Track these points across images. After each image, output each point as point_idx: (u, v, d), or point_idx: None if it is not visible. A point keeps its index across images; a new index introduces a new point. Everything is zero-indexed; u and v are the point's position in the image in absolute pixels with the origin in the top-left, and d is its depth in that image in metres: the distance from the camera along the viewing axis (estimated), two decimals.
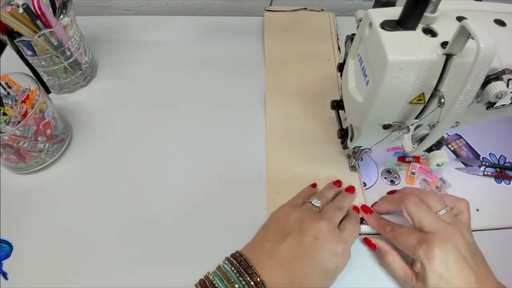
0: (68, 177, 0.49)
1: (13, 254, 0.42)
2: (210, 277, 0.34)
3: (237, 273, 0.33)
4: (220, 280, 0.33)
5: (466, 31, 0.26)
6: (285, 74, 0.58)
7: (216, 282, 0.33)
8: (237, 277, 0.33)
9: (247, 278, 0.32)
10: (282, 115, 0.53)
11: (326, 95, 0.53)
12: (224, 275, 0.33)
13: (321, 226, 0.36)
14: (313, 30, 0.64)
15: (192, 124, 0.54)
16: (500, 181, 0.48)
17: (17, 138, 0.43)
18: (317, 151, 0.49)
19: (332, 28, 0.64)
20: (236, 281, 0.32)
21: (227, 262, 0.35)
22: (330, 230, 0.36)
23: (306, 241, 0.35)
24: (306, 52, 0.61)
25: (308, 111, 0.53)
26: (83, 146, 0.52)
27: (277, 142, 0.50)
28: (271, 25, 0.65)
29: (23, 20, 0.46)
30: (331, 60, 0.60)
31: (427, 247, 0.35)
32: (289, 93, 0.56)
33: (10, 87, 0.47)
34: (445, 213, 0.38)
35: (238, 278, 0.33)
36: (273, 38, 0.63)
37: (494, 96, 0.30)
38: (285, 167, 0.48)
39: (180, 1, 0.71)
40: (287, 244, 0.35)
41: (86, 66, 0.57)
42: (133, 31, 0.66)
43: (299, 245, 0.35)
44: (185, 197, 0.47)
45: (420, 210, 0.37)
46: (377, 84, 0.31)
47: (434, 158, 0.35)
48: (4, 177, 0.49)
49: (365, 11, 0.33)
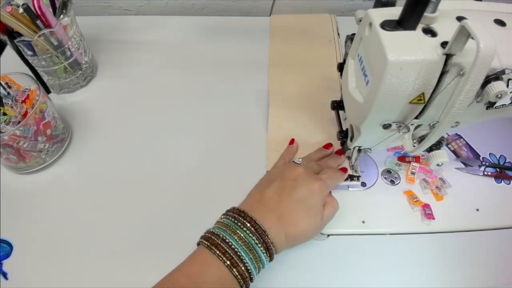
0: (68, 177, 0.49)
1: (13, 254, 0.43)
2: (212, 229, 0.36)
3: (234, 220, 0.36)
4: (221, 229, 0.35)
5: (466, 31, 0.26)
6: (287, 77, 0.58)
7: (217, 231, 0.35)
8: (234, 223, 0.36)
9: (243, 221, 0.36)
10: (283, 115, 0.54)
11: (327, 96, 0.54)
12: (223, 225, 0.36)
13: (299, 170, 0.41)
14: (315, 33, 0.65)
15: (192, 124, 0.54)
16: (500, 181, 0.48)
17: (17, 138, 0.43)
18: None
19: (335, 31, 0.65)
20: (235, 226, 0.35)
21: (223, 216, 0.38)
22: (308, 173, 0.41)
23: (287, 184, 0.39)
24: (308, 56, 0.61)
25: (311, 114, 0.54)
26: (83, 146, 0.52)
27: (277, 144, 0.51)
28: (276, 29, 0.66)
29: (23, 20, 0.47)
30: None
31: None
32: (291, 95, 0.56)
33: (10, 87, 0.47)
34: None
35: (236, 224, 0.36)
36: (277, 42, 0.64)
37: (494, 96, 0.30)
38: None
39: (180, 1, 0.71)
40: (270, 189, 0.40)
41: (86, 66, 0.57)
42: (133, 31, 0.66)
43: (281, 188, 0.39)
44: (185, 197, 0.47)
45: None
46: (377, 84, 0.30)
47: (434, 158, 0.35)
48: (4, 177, 0.49)
49: (365, 11, 0.33)
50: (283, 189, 0.39)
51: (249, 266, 0.34)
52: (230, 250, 0.34)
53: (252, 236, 0.35)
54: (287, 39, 0.64)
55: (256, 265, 0.35)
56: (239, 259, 0.34)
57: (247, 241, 0.34)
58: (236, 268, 0.33)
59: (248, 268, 0.34)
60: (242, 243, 0.34)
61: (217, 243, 0.34)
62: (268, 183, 0.41)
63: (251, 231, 0.35)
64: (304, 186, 0.39)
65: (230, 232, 0.35)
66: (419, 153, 0.47)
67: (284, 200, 0.38)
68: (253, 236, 0.35)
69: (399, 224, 0.44)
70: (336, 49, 0.62)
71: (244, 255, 0.34)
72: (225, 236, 0.34)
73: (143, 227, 0.45)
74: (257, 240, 0.35)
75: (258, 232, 0.35)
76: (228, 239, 0.34)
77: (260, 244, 0.35)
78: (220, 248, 0.34)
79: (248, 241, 0.34)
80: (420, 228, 0.44)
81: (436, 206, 0.45)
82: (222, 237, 0.35)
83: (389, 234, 0.44)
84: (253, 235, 0.35)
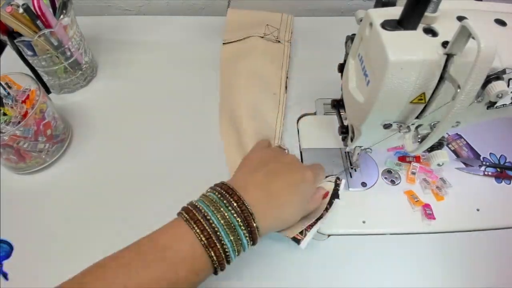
0: (68, 177, 0.49)
1: (13, 254, 0.42)
2: (195, 203, 0.34)
3: (220, 196, 0.34)
4: (205, 204, 0.33)
5: (467, 31, 0.26)
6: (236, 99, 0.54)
7: (200, 206, 0.33)
8: (220, 200, 0.34)
9: (230, 199, 0.34)
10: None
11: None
12: (208, 200, 0.34)
13: (292, 157, 0.41)
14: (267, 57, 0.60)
15: (192, 124, 0.54)
16: (501, 181, 0.48)
17: (17, 138, 0.43)
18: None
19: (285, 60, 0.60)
20: (220, 203, 0.33)
21: (210, 190, 0.36)
22: (299, 162, 0.40)
23: (281, 167, 0.39)
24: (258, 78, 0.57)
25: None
26: (83, 146, 0.52)
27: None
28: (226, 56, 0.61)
29: (23, 20, 0.46)
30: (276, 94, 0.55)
31: None
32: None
33: (10, 87, 0.47)
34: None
35: (222, 201, 0.33)
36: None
37: (495, 96, 0.30)
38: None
39: (180, 1, 0.71)
40: (263, 170, 0.38)
41: (86, 66, 0.57)
42: (133, 31, 0.66)
43: (275, 170, 0.38)
44: (186, 196, 0.47)
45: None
46: (377, 84, 0.30)
47: (435, 158, 0.35)
48: (4, 177, 0.49)
49: (366, 11, 0.33)
50: (277, 171, 0.38)
51: (227, 248, 0.32)
52: (210, 228, 0.31)
53: (236, 218, 0.32)
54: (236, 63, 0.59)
55: (235, 248, 0.32)
56: (217, 239, 0.31)
57: (231, 221, 0.32)
58: (213, 249, 0.31)
59: (226, 250, 0.32)
60: (225, 223, 0.32)
61: (197, 218, 0.32)
62: (260, 163, 0.39)
63: (237, 211, 0.33)
64: (298, 172, 0.39)
65: (213, 209, 0.33)
66: (419, 153, 0.47)
67: (276, 181, 0.37)
68: (237, 218, 0.32)
69: (400, 224, 0.44)
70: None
71: (224, 236, 0.32)
72: (207, 213, 0.32)
73: (144, 227, 0.45)
74: (242, 222, 0.33)
75: (244, 214, 0.33)
76: (210, 216, 0.32)
77: (244, 227, 0.33)
78: (199, 224, 0.32)
79: (231, 222, 0.32)
80: (420, 228, 0.44)
81: (437, 206, 0.45)
82: (204, 213, 0.32)
83: (389, 234, 0.44)
84: (238, 216, 0.33)
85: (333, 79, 0.45)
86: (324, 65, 0.57)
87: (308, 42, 0.65)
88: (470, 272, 0.41)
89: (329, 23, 0.68)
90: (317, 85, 0.58)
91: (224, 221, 0.32)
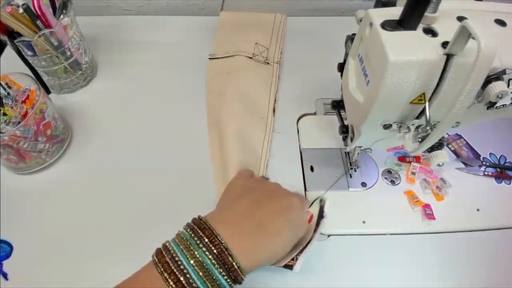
0: (68, 177, 0.49)
1: (13, 254, 0.42)
2: (167, 244, 0.31)
3: (191, 233, 0.31)
4: (175, 244, 0.30)
5: (467, 31, 0.26)
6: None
7: (170, 246, 0.30)
8: (191, 237, 0.31)
9: (201, 235, 0.30)
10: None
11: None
12: (179, 238, 0.31)
13: (277, 185, 0.39)
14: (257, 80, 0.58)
15: (192, 124, 0.54)
16: (501, 181, 0.48)
17: (17, 139, 0.43)
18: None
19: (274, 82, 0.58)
20: (191, 241, 0.30)
21: (184, 226, 0.33)
22: (285, 189, 0.39)
23: (265, 196, 0.36)
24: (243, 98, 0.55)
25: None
26: (83, 146, 0.52)
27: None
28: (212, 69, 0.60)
29: (23, 20, 0.46)
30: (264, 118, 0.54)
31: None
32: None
33: (10, 87, 0.47)
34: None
35: (192, 238, 0.30)
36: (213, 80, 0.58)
37: (495, 96, 0.30)
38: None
39: (180, 1, 0.71)
40: (246, 199, 0.35)
41: (86, 66, 0.57)
42: (133, 31, 0.66)
43: (258, 199, 0.35)
44: (188, 196, 0.47)
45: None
46: (377, 84, 0.30)
47: (435, 158, 0.35)
48: (4, 177, 0.49)
49: (366, 11, 0.33)
50: (261, 200, 0.35)
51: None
52: (178, 271, 0.28)
53: (208, 255, 0.29)
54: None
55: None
56: (187, 282, 0.28)
57: (202, 261, 0.29)
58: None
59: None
60: (195, 263, 0.29)
61: (165, 260, 0.29)
62: (243, 192, 0.37)
63: (208, 248, 0.29)
64: (285, 198, 0.36)
65: (183, 248, 0.30)
66: (419, 153, 0.47)
67: (262, 209, 0.34)
68: (209, 255, 0.29)
69: (400, 224, 0.44)
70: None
71: (196, 279, 0.28)
72: (176, 253, 0.29)
73: (144, 227, 0.45)
74: (215, 260, 0.29)
75: (217, 250, 0.29)
76: (179, 257, 0.29)
77: (218, 265, 0.29)
78: (166, 267, 0.29)
79: (202, 261, 0.29)
80: (420, 228, 0.44)
81: (437, 206, 0.45)
82: (172, 253, 0.29)
83: (389, 234, 0.44)
84: (210, 254, 0.29)
85: (333, 79, 0.45)
86: (324, 65, 0.57)
87: (308, 42, 0.65)
88: (470, 272, 0.41)
89: (329, 23, 0.68)
90: (317, 85, 0.58)
91: (195, 261, 0.29)
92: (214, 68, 0.60)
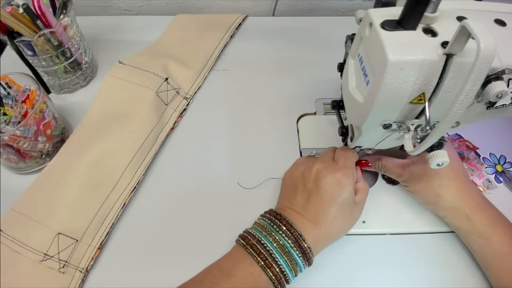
0: None
1: None
2: (249, 229, 0.37)
3: (270, 222, 0.37)
4: (257, 230, 0.36)
5: (467, 31, 0.26)
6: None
7: (253, 232, 0.36)
8: (270, 225, 0.36)
9: (279, 224, 0.36)
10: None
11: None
12: (260, 226, 0.37)
13: (317, 166, 0.40)
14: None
15: (191, 124, 0.54)
16: (500, 181, 0.48)
17: (17, 138, 0.43)
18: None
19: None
20: (271, 228, 0.36)
21: (260, 217, 0.39)
22: (325, 166, 0.39)
23: (311, 188, 0.39)
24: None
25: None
26: None
27: None
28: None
29: (23, 20, 0.46)
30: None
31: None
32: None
33: (10, 87, 0.47)
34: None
35: (272, 226, 0.36)
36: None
37: (495, 96, 0.30)
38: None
39: (180, 1, 0.71)
40: (298, 197, 0.39)
41: (86, 66, 0.57)
42: (133, 31, 0.66)
43: (308, 194, 0.39)
44: (187, 197, 0.47)
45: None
46: (377, 84, 0.30)
47: (435, 158, 0.35)
48: (4, 177, 0.49)
49: (365, 11, 0.33)
50: (310, 194, 0.39)
51: (284, 268, 0.34)
52: (264, 251, 0.34)
53: (287, 240, 0.35)
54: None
55: (292, 268, 0.35)
56: (273, 260, 0.34)
57: (282, 244, 0.35)
58: (271, 270, 0.34)
59: (283, 270, 0.34)
60: (277, 246, 0.35)
61: (252, 243, 0.35)
62: (293, 189, 0.40)
63: (287, 234, 0.35)
64: (328, 183, 0.38)
65: (265, 234, 0.35)
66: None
67: (315, 205, 0.38)
68: (288, 240, 0.35)
69: (400, 224, 0.45)
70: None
71: (279, 257, 0.34)
72: (260, 237, 0.35)
73: (144, 228, 0.45)
74: (293, 243, 0.35)
75: (294, 236, 0.35)
76: (263, 240, 0.35)
77: (295, 248, 0.35)
78: (255, 248, 0.35)
79: (283, 244, 0.35)
80: (420, 228, 0.44)
81: None
82: (257, 238, 0.35)
83: (389, 234, 0.44)
84: (289, 239, 0.35)
85: (333, 79, 0.46)
86: (324, 65, 0.57)
87: (308, 42, 0.65)
88: (470, 272, 0.42)
89: (329, 23, 0.68)
90: (317, 85, 0.58)
91: (277, 243, 0.35)
92: (111, 84, 0.54)
